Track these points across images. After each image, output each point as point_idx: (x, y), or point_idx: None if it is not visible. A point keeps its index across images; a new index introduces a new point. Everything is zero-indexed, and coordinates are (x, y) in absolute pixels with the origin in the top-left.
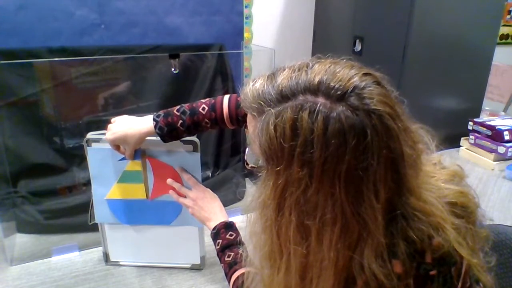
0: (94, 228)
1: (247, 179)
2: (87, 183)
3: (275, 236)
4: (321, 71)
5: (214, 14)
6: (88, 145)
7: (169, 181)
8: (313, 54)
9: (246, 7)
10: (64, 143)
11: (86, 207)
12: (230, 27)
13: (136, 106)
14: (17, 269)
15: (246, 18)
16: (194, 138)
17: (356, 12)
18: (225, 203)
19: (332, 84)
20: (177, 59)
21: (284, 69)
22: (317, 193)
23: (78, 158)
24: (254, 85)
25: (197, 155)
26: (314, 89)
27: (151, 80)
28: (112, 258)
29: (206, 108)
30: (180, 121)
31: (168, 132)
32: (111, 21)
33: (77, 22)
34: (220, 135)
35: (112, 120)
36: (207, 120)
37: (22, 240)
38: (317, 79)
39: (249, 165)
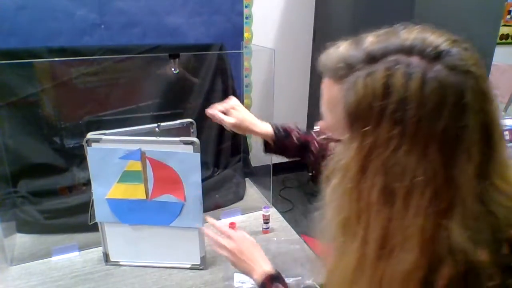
0: (94, 228)
1: (247, 179)
2: (87, 183)
3: (355, 201)
4: (411, 34)
5: (214, 14)
6: (88, 145)
7: (207, 231)
8: (313, 54)
9: (246, 7)
10: (64, 143)
11: (86, 207)
12: (230, 27)
13: (136, 106)
14: (17, 269)
15: (246, 18)
16: (194, 138)
17: (356, 12)
18: (225, 203)
19: (425, 45)
20: (177, 59)
21: (367, 36)
22: (408, 154)
23: (78, 158)
24: (337, 49)
25: (197, 155)
26: (407, 50)
27: (151, 80)
28: (112, 258)
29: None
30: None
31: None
32: (111, 21)
33: (77, 22)
34: (220, 135)
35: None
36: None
37: (22, 240)
38: (409, 41)
39: (322, 138)
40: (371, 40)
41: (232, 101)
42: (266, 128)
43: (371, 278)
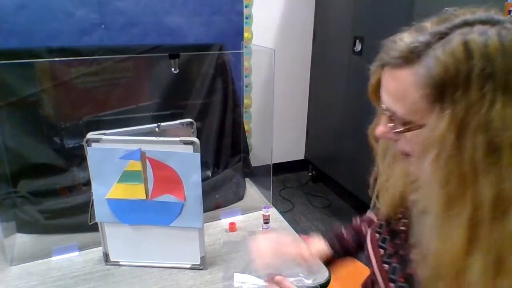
0: (94, 228)
1: (247, 179)
2: (87, 183)
3: (458, 169)
4: (464, 15)
5: (214, 14)
6: (88, 145)
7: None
8: (313, 54)
9: (246, 7)
10: (64, 143)
11: (86, 207)
12: (230, 27)
13: (136, 106)
14: (17, 269)
15: (246, 18)
16: (194, 138)
17: (356, 12)
18: (225, 203)
19: (483, 16)
20: (177, 59)
21: (424, 23)
22: (505, 106)
23: (78, 158)
24: (400, 40)
25: (197, 155)
26: (470, 22)
27: (151, 80)
28: (112, 258)
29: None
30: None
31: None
32: (111, 21)
33: (77, 22)
34: (220, 135)
35: None
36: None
37: (22, 240)
38: (467, 17)
39: (394, 131)
40: (430, 25)
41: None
42: (320, 247)
43: (488, 245)
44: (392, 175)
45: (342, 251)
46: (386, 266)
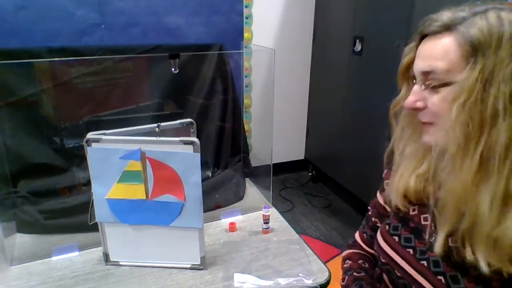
0: (94, 228)
1: (247, 179)
2: (87, 183)
3: (479, 114)
4: (494, 3)
5: (214, 14)
6: (88, 145)
7: None
8: (313, 54)
9: (246, 7)
10: (64, 143)
11: (86, 207)
12: (230, 27)
13: (136, 106)
14: (17, 269)
15: (246, 18)
16: (194, 138)
17: (356, 12)
18: (225, 203)
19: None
20: (177, 59)
21: (461, 7)
22: None
23: (78, 158)
24: (443, 14)
25: (197, 155)
26: (500, 7)
27: (151, 80)
28: (112, 258)
29: None
30: None
31: None
32: (111, 21)
33: (77, 22)
34: (220, 135)
35: None
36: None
37: (22, 240)
38: (497, 5)
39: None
40: (468, 7)
41: None
42: None
43: (497, 180)
44: (404, 163)
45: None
46: (424, 262)
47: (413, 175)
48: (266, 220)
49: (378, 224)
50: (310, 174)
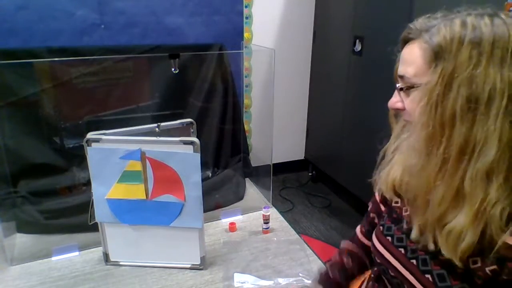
0: (94, 228)
1: (247, 179)
2: (87, 183)
3: (440, 115)
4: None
5: (214, 14)
6: (88, 145)
7: None
8: (313, 54)
9: (246, 7)
10: (64, 143)
11: (86, 207)
12: (230, 27)
13: (136, 106)
14: (17, 269)
15: (246, 18)
16: (194, 138)
17: (356, 12)
18: (225, 203)
19: (481, 11)
20: (177, 59)
21: (435, 14)
22: (486, 69)
23: (78, 158)
24: (417, 21)
25: (197, 155)
26: (473, 13)
27: (151, 80)
28: (112, 258)
29: None
30: None
31: None
32: (111, 21)
33: (77, 22)
34: (220, 135)
35: None
36: None
37: (22, 240)
38: (470, 11)
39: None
40: (443, 14)
41: None
42: None
43: (452, 177)
44: (397, 157)
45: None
46: (413, 261)
47: (401, 168)
48: (266, 220)
49: (376, 220)
50: (310, 174)
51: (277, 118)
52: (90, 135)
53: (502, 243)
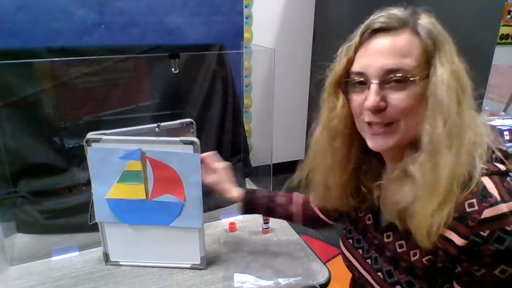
0: (94, 228)
1: (247, 179)
2: (87, 183)
3: (456, 105)
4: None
5: (214, 14)
6: (88, 145)
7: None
8: (313, 54)
9: (246, 7)
10: (64, 143)
11: (86, 207)
12: (230, 27)
13: (136, 106)
14: (17, 269)
15: (246, 18)
16: (194, 138)
17: (356, 12)
18: (225, 203)
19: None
20: (177, 59)
21: (395, 8)
22: (458, 58)
23: (78, 158)
24: (390, 12)
25: (197, 156)
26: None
27: (151, 80)
28: (112, 258)
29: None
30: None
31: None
32: (111, 21)
33: (77, 22)
34: (220, 135)
35: None
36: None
37: (22, 240)
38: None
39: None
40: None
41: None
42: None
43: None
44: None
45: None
46: (368, 260)
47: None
48: (266, 220)
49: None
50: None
51: (277, 118)
52: (90, 135)
53: (439, 235)
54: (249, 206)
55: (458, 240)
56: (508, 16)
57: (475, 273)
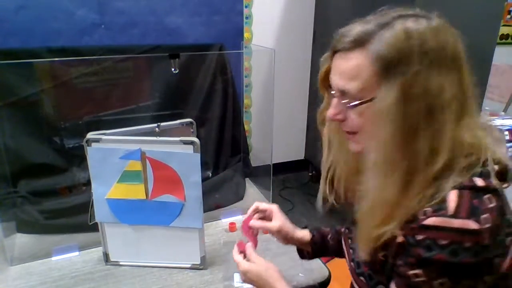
0: (94, 228)
1: (247, 179)
2: (87, 183)
3: (401, 131)
4: (400, 11)
5: (214, 14)
6: (88, 145)
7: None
8: (313, 54)
9: (246, 7)
10: (64, 143)
11: (86, 207)
12: (230, 27)
13: (136, 106)
14: (17, 269)
15: (246, 18)
16: (194, 138)
17: (356, 12)
18: (225, 203)
19: (415, 13)
20: (177, 59)
21: (367, 18)
22: (438, 76)
23: (78, 158)
24: (350, 29)
25: (197, 155)
26: (404, 15)
27: (151, 80)
28: (112, 258)
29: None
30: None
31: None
32: (111, 21)
33: (77, 22)
34: (220, 135)
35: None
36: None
37: (22, 240)
38: (402, 12)
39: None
40: (374, 18)
41: (271, 206)
42: (303, 233)
43: (419, 188)
44: (339, 163)
45: (320, 240)
46: (352, 264)
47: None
48: None
49: None
50: (310, 174)
51: (277, 118)
52: (90, 135)
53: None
54: (318, 249)
55: (399, 238)
56: (508, 16)
57: (398, 267)
